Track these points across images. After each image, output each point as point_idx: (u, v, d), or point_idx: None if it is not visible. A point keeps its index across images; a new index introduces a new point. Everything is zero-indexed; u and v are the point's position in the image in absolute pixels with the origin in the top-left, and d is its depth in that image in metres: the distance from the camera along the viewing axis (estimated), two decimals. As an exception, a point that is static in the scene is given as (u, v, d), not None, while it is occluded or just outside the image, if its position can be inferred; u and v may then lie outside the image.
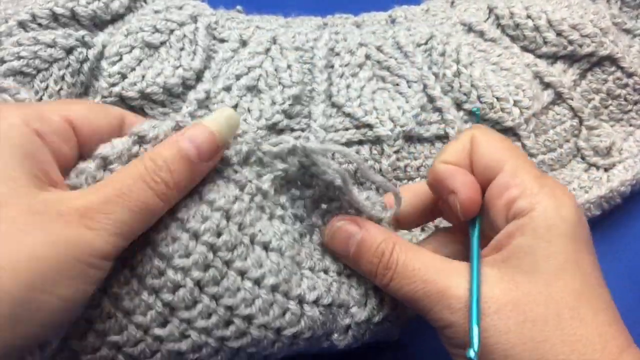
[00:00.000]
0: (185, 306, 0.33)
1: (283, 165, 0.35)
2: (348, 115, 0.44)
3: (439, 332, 0.33)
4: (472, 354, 0.30)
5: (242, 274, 0.33)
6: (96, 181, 0.32)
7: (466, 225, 0.35)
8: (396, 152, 0.43)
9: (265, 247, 0.34)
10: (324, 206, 0.36)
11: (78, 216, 0.28)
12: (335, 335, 0.36)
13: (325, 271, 0.36)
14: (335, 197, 0.36)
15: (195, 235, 0.32)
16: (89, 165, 0.32)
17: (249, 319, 0.33)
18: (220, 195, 0.33)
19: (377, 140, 0.43)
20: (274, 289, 0.34)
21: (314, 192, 0.36)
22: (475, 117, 0.43)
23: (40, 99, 0.42)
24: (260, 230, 0.34)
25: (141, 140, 0.33)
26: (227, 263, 0.33)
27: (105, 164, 0.32)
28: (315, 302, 0.35)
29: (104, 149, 0.32)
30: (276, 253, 0.34)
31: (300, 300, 0.34)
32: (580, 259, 0.31)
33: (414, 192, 0.38)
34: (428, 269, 0.33)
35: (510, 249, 0.32)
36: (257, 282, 0.33)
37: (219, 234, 0.33)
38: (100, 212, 0.28)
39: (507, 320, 0.30)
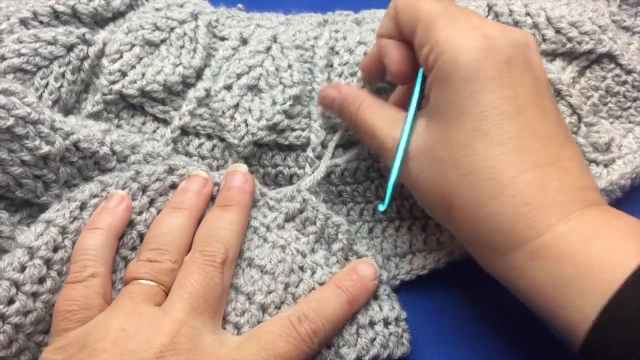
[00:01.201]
0: None
1: (289, 205, 0.40)
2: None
3: None
4: (380, 207, 0.37)
5: (236, 289, 0.36)
6: None
7: None
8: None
9: (261, 269, 0.37)
10: (322, 252, 0.40)
11: None
12: None
13: None
14: (335, 235, 0.40)
15: None
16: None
17: (237, 327, 0.36)
18: None
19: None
20: (263, 308, 0.36)
21: (317, 229, 0.40)
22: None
23: (41, 96, 0.42)
24: (257, 255, 0.38)
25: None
26: None
27: None
28: None
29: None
30: (269, 276, 0.37)
31: None
32: (479, 98, 0.33)
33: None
34: (381, 124, 0.38)
35: (430, 100, 0.35)
36: (249, 296, 0.36)
37: None
38: None
39: (419, 163, 0.35)
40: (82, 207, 0.38)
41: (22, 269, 0.35)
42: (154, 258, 0.36)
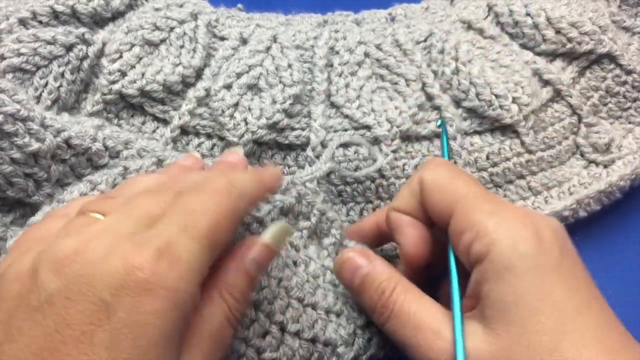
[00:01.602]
0: None
1: (280, 198, 0.37)
2: (347, 116, 0.44)
3: None
4: None
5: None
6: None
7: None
8: (394, 151, 0.43)
9: None
10: (314, 248, 0.39)
11: None
12: None
13: (314, 306, 0.37)
14: (328, 230, 0.39)
15: None
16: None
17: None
18: None
19: (375, 141, 0.44)
20: (255, 306, 0.35)
21: (310, 224, 0.39)
22: (443, 129, 0.43)
23: (40, 95, 0.42)
24: None
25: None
26: None
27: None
28: (297, 334, 0.35)
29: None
30: (266, 275, 0.36)
31: (282, 328, 0.35)
32: (550, 292, 0.29)
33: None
34: (423, 316, 0.32)
35: (483, 298, 0.31)
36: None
37: None
38: None
39: None
40: None
41: None
42: (109, 195, 0.31)
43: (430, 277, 0.37)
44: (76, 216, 0.29)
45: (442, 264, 0.35)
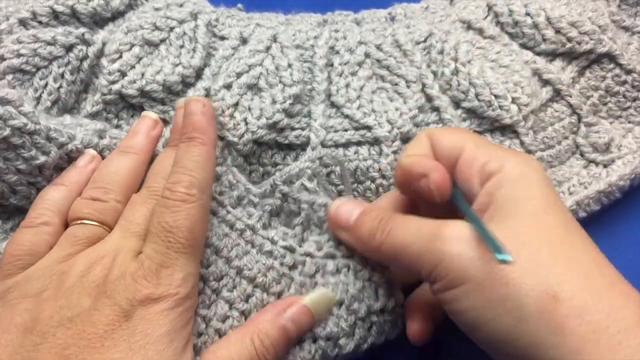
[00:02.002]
0: None
1: (270, 201, 0.40)
2: (347, 116, 0.44)
3: (426, 279, 0.33)
4: (502, 256, 0.29)
5: (230, 304, 0.37)
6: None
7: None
8: (394, 152, 0.43)
9: (252, 282, 0.37)
10: (313, 238, 0.39)
11: None
12: None
13: None
14: (324, 217, 0.39)
15: None
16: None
17: None
18: (212, 233, 0.38)
19: (376, 141, 0.44)
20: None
21: (302, 219, 0.39)
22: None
23: (40, 96, 0.42)
24: (246, 265, 0.38)
25: None
26: (215, 292, 0.37)
27: None
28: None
29: None
30: (260, 289, 0.37)
31: None
32: (559, 202, 0.32)
33: (389, 201, 0.40)
34: (425, 220, 0.34)
35: (494, 204, 0.32)
36: (244, 314, 0.36)
37: (207, 266, 0.37)
38: None
39: None
40: None
41: None
42: (98, 196, 0.37)
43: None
44: (76, 228, 0.36)
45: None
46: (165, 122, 0.45)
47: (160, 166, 0.39)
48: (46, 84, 0.42)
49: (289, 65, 0.44)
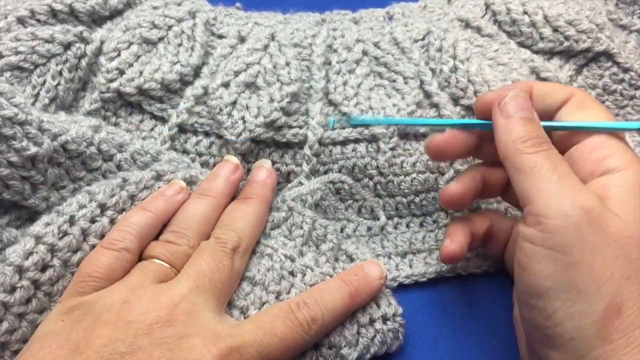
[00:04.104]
0: None
1: (276, 214, 0.41)
2: (344, 114, 0.44)
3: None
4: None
5: (229, 302, 0.37)
6: None
7: None
8: (392, 149, 0.43)
9: (250, 281, 0.38)
10: (312, 254, 0.40)
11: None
12: None
13: None
14: (324, 236, 0.41)
15: None
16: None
17: None
18: None
19: (373, 138, 0.44)
20: None
21: (304, 232, 0.40)
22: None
23: (38, 94, 0.42)
24: (246, 268, 0.38)
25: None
26: None
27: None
28: None
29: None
30: (260, 287, 0.37)
31: None
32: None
33: (466, 178, 0.40)
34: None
35: (606, 197, 0.33)
36: (242, 310, 0.37)
37: None
38: None
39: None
40: (71, 221, 0.37)
41: (12, 289, 0.35)
42: (172, 240, 0.38)
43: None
44: (148, 262, 0.37)
45: None
46: (164, 120, 0.45)
47: (227, 218, 0.40)
48: (44, 82, 0.42)
49: (287, 64, 0.44)
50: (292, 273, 0.38)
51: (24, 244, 0.36)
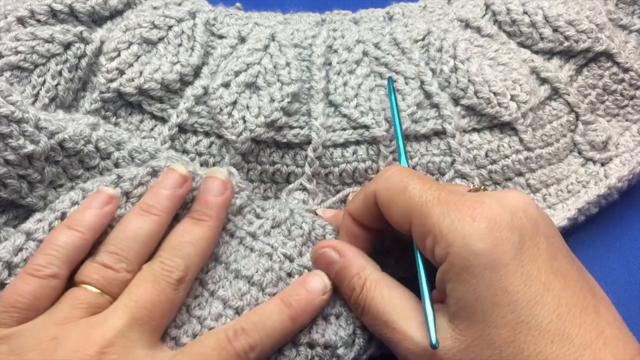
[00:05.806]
0: (175, 326, 0.36)
1: (272, 212, 0.41)
2: (345, 116, 0.44)
3: None
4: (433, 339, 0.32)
5: (224, 302, 0.37)
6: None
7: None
8: (392, 152, 0.43)
9: (248, 280, 0.37)
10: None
11: None
12: None
13: None
14: (323, 236, 0.41)
15: None
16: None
17: None
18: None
19: (374, 141, 0.44)
20: None
21: (303, 232, 0.40)
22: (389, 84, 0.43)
23: (37, 93, 0.42)
24: (244, 266, 0.38)
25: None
26: (212, 293, 0.37)
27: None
28: (293, 341, 0.36)
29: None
30: (256, 288, 0.37)
31: None
32: (506, 285, 0.30)
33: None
34: (391, 315, 0.34)
35: (447, 296, 0.32)
36: (237, 311, 0.36)
37: (207, 272, 0.38)
38: None
39: None
40: (63, 217, 0.37)
41: (1, 285, 0.35)
42: (109, 264, 0.34)
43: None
44: (80, 291, 0.34)
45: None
46: (164, 120, 0.45)
47: (177, 241, 0.36)
48: (44, 82, 0.42)
49: (287, 64, 0.44)
50: (289, 274, 0.38)
51: (14, 240, 0.36)
